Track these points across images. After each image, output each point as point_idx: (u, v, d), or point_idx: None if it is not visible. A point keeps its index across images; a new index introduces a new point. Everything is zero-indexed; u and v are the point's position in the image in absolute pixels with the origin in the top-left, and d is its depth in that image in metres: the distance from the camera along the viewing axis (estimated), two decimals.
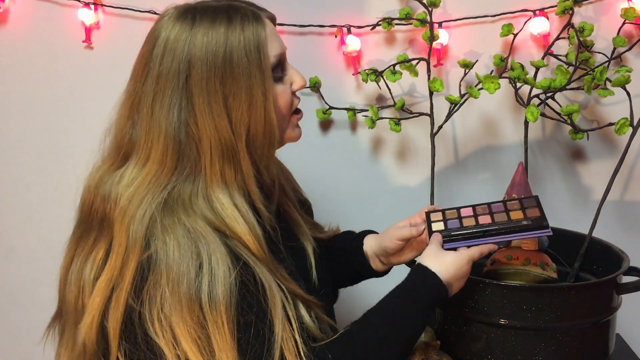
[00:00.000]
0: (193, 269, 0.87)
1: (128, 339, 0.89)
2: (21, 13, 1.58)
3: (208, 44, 0.92)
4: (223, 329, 0.86)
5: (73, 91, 1.59)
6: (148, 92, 0.94)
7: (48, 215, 1.65)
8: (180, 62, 0.92)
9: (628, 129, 1.20)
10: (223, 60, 0.92)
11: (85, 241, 0.96)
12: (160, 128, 0.93)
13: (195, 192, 0.93)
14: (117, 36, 1.55)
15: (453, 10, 1.49)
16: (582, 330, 1.12)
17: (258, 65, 0.93)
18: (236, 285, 0.88)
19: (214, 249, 0.89)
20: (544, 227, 1.05)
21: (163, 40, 0.94)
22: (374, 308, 1.00)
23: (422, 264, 1.02)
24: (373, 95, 1.54)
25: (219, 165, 0.93)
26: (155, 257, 0.88)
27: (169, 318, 0.86)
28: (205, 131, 0.92)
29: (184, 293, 0.86)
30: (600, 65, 1.21)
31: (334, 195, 1.56)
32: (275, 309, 0.90)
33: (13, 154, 1.64)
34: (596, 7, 1.46)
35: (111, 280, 0.89)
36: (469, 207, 1.13)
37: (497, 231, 1.06)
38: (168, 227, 0.89)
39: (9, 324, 1.72)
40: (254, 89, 0.93)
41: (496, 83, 1.28)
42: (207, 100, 0.92)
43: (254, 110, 0.94)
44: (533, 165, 1.52)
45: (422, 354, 1.11)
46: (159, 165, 0.93)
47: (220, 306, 0.86)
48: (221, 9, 0.95)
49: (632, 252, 1.23)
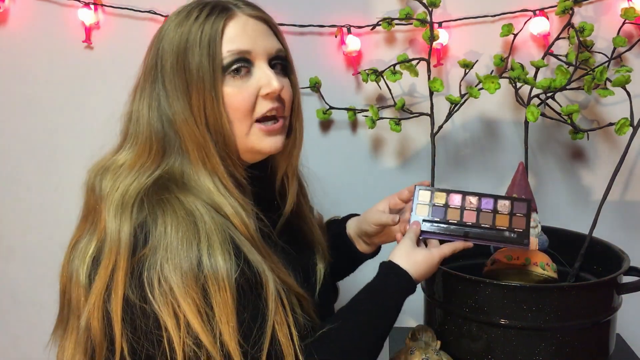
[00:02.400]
0: (191, 236, 0.88)
1: (129, 320, 0.89)
2: (21, 13, 1.58)
3: (174, 36, 0.96)
4: (225, 292, 0.86)
5: (73, 91, 1.59)
6: (139, 83, 1.00)
7: (48, 215, 1.65)
8: (156, 55, 0.98)
9: (628, 129, 1.20)
10: (184, 52, 0.95)
11: (86, 226, 0.98)
12: (143, 118, 0.97)
13: (187, 173, 0.96)
14: (117, 36, 1.55)
15: (453, 10, 1.49)
16: (583, 330, 1.12)
17: (207, 57, 0.94)
18: (233, 257, 0.88)
19: (209, 221, 0.90)
20: (523, 244, 1.07)
21: (155, 36, 1.01)
22: (345, 308, 1.00)
23: (393, 261, 1.03)
24: (373, 95, 1.54)
25: (197, 154, 0.95)
26: (150, 230, 0.89)
27: (169, 280, 0.86)
28: (178, 121, 0.95)
29: (185, 257, 0.87)
30: (600, 65, 1.21)
31: (334, 195, 1.56)
32: (269, 289, 0.90)
33: (13, 154, 1.64)
34: (596, 7, 1.45)
35: (109, 264, 0.90)
36: (459, 194, 1.12)
37: (478, 235, 1.07)
38: (162, 201, 0.91)
39: (9, 324, 1.72)
40: (204, 83, 0.94)
41: (496, 83, 1.28)
42: (174, 90, 0.95)
43: (205, 104, 0.95)
44: (533, 165, 1.52)
45: (422, 354, 1.11)
46: (147, 153, 0.97)
47: (222, 272, 0.87)
48: (202, 4, 0.98)
49: (633, 252, 1.23)
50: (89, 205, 0.99)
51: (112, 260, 0.90)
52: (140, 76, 1.01)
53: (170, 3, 1.50)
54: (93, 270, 0.92)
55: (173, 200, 0.91)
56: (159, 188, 0.93)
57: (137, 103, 0.99)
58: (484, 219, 1.09)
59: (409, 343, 1.14)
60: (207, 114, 0.95)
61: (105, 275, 0.90)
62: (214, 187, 0.95)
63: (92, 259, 0.93)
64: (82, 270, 0.93)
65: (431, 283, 1.22)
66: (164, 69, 0.96)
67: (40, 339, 1.04)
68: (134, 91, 1.01)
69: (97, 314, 0.90)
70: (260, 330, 0.89)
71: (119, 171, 0.96)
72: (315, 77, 1.50)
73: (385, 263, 1.04)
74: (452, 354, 1.15)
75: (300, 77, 1.07)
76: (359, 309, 1.00)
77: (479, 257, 1.27)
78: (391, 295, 1.01)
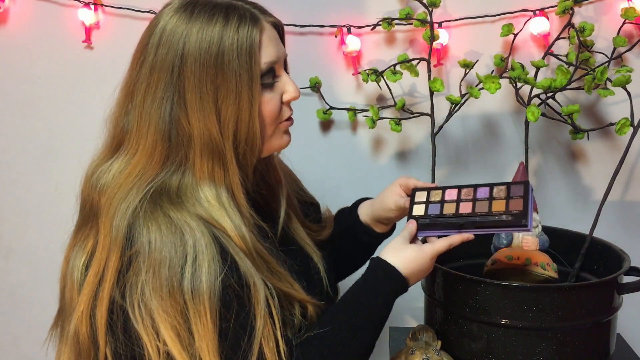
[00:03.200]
0: (176, 257, 0.87)
1: (112, 331, 0.89)
2: (21, 13, 1.58)
3: (202, 41, 0.91)
4: (205, 317, 0.86)
5: (73, 91, 1.59)
6: (141, 82, 0.94)
7: (48, 215, 1.65)
8: (175, 56, 0.92)
9: (629, 129, 1.20)
10: (215, 59, 0.91)
11: (81, 233, 0.97)
12: (151, 121, 0.93)
13: (184, 186, 0.93)
14: (117, 36, 1.55)
15: (453, 10, 1.49)
16: (583, 330, 1.12)
17: (247, 70, 0.92)
18: (220, 276, 0.87)
19: (199, 238, 0.88)
20: (522, 225, 1.01)
21: (160, 30, 0.93)
22: (334, 307, 1.00)
23: (382, 257, 1.02)
24: (373, 95, 1.54)
25: (207, 164, 0.93)
26: (138, 246, 0.88)
27: (148, 304, 0.86)
28: (195, 128, 0.92)
29: (166, 279, 0.86)
30: (600, 65, 1.21)
31: (334, 195, 1.56)
32: (258, 305, 0.89)
33: (13, 154, 1.64)
34: (596, 7, 1.45)
35: (98, 272, 0.90)
36: (455, 189, 1.09)
37: (474, 224, 1.03)
38: (152, 217, 0.89)
39: (9, 324, 1.72)
40: (242, 92, 0.92)
41: (497, 83, 1.28)
42: (198, 97, 0.91)
43: (240, 114, 0.93)
44: (533, 165, 1.52)
45: (423, 353, 1.11)
46: (148, 158, 0.93)
47: (204, 295, 0.86)
48: (220, 6, 0.94)
49: (633, 252, 1.23)
50: (85, 210, 0.97)
51: (101, 268, 0.89)
52: (143, 74, 0.94)
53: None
54: (84, 276, 0.92)
55: (161, 219, 0.89)
56: (152, 203, 0.91)
57: (143, 104, 0.93)
58: (480, 208, 1.05)
59: (409, 343, 1.14)
60: (238, 122, 0.93)
61: (93, 283, 0.90)
62: (216, 199, 0.93)
63: (84, 265, 0.93)
64: (76, 275, 0.94)
65: (432, 283, 1.22)
66: (186, 75, 0.91)
67: (40, 339, 1.04)
68: (132, 89, 0.95)
69: (85, 321, 0.91)
70: (247, 347, 0.88)
71: (119, 176, 0.94)
72: (315, 77, 1.50)
73: (374, 259, 1.03)
74: (453, 354, 1.15)
75: (300, 77, 1.08)
76: (347, 307, 0.99)
77: (480, 257, 1.27)
78: (379, 291, 0.99)
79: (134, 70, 0.96)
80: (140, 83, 0.94)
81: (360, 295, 1.00)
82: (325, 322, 0.97)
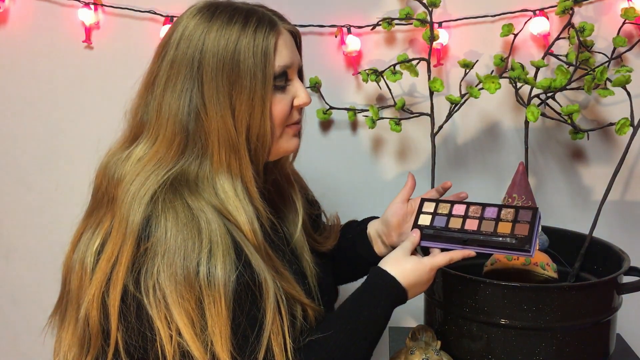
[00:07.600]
0: (192, 245, 0.88)
1: (124, 316, 0.90)
2: (21, 13, 1.58)
3: (221, 38, 0.95)
4: (220, 304, 0.87)
5: (73, 91, 1.59)
6: (162, 74, 0.97)
7: (48, 215, 1.65)
8: (195, 50, 0.96)
9: (628, 129, 1.20)
10: (232, 56, 0.95)
11: (92, 219, 0.98)
12: (171, 112, 0.96)
13: (202, 176, 0.96)
14: (117, 36, 1.55)
15: (453, 10, 1.49)
16: (583, 330, 1.12)
17: (262, 69, 0.96)
18: (233, 266, 0.89)
19: (215, 228, 0.90)
20: (524, 250, 1.03)
21: (182, 27, 0.98)
22: (333, 315, 1.01)
23: (382, 267, 1.03)
24: (373, 95, 1.54)
25: (225, 156, 0.96)
26: (154, 232, 0.89)
27: (163, 288, 0.87)
28: (213, 120, 0.95)
29: (181, 265, 0.87)
30: (600, 65, 1.21)
31: (334, 195, 1.56)
32: (268, 299, 0.91)
33: (13, 154, 1.64)
34: (596, 7, 1.46)
35: (111, 258, 0.91)
36: (463, 205, 1.12)
37: (477, 242, 1.05)
38: (169, 204, 0.91)
39: (9, 324, 1.72)
40: (255, 90, 0.96)
41: (497, 83, 1.28)
42: (215, 91, 0.95)
43: (253, 110, 0.96)
44: (533, 165, 1.52)
45: (423, 354, 1.11)
46: (167, 147, 0.96)
47: (219, 283, 0.87)
48: (241, 10, 0.99)
49: (633, 252, 1.23)
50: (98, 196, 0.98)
51: (115, 252, 0.90)
52: (164, 67, 0.97)
53: (170, 3, 1.51)
54: (96, 261, 0.93)
55: (180, 206, 0.91)
56: (172, 189, 0.93)
57: (163, 95, 0.96)
58: (485, 227, 1.07)
59: (409, 343, 1.14)
60: (250, 120, 0.96)
61: (106, 267, 0.91)
62: (233, 191, 0.96)
63: (97, 250, 0.94)
64: (87, 260, 0.94)
65: (431, 283, 1.22)
66: (205, 69, 0.95)
67: (40, 339, 1.04)
68: (152, 81, 0.99)
69: (96, 305, 0.91)
70: (256, 340, 0.89)
71: (138, 164, 0.96)
72: (315, 77, 1.50)
73: (374, 269, 1.04)
74: (453, 354, 1.15)
75: None
76: (346, 315, 1.00)
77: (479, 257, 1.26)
78: (378, 300, 1.01)
79: (155, 64, 0.99)
80: (161, 76, 0.98)
81: (360, 304, 1.01)
82: (324, 328, 0.98)
